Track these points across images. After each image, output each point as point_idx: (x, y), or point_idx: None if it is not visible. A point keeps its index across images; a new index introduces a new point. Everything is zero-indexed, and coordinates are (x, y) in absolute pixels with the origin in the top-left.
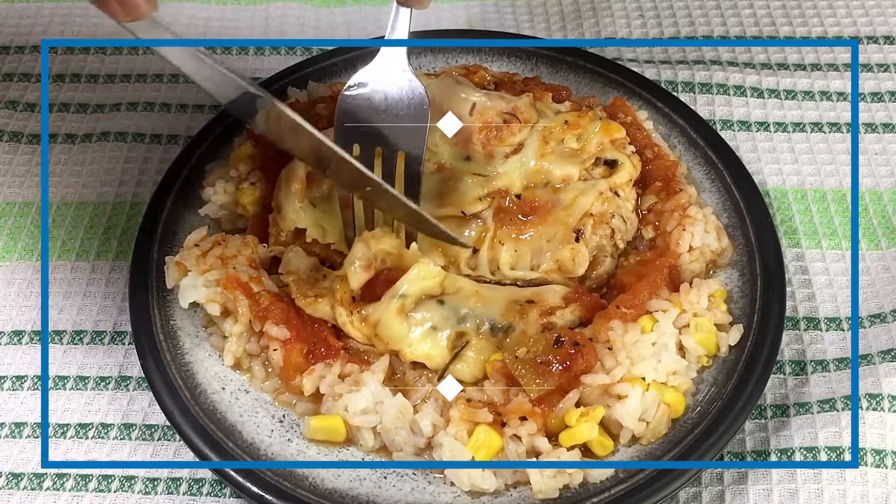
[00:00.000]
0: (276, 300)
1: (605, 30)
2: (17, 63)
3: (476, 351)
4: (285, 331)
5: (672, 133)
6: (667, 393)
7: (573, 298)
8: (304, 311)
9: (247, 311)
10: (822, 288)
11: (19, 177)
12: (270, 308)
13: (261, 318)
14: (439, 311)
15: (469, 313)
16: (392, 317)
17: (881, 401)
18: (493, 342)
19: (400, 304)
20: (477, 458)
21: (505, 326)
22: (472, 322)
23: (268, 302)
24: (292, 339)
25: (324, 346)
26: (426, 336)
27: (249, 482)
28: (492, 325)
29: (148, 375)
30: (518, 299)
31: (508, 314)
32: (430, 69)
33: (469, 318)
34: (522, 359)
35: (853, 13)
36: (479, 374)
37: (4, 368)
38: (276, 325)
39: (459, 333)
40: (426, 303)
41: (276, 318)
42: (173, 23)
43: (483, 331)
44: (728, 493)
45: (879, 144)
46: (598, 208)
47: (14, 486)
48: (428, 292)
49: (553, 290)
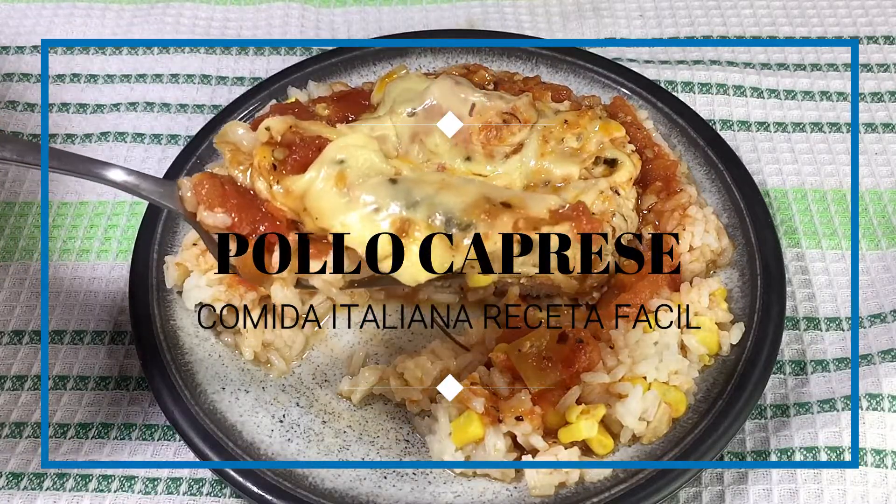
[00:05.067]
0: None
1: (605, 30)
2: (17, 63)
3: (423, 247)
4: (224, 216)
5: (672, 133)
6: (668, 392)
7: (566, 216)
8: (238, 182)
9: (253, 305)
10: (822, 288)
11: (20, 177)
12: (205, 195)
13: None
14: (388, 191)
15: (424, 199)
16: (327, 187)
17: (881, 401)
18: (445, 241)
19: (338, 171)
20: (454, 437)
21: (464, 224)
22: (425, 210)
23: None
24: (236, 225)
25: (270, 224)
26: (365, 218)
27: (249, 482)
28: (448, 219)
29: (148, 375)
30: (492, 198)
31: (473, 211)
32: (429, 69)
33: (423, 204)
34: (526, 353)
35: (853, 13)
36: (421, 278)
37: (4, 368)
38: (210, 210)
39: (406, 220)
40: (374, 180)
41: (211, 201)
42: (173, 23)
43: (435, 223)
44: (728, 493)
45: (879, 144)
46: (598, 207)
47: (14, 486)
48: (377, 169)
49: (542, 198)
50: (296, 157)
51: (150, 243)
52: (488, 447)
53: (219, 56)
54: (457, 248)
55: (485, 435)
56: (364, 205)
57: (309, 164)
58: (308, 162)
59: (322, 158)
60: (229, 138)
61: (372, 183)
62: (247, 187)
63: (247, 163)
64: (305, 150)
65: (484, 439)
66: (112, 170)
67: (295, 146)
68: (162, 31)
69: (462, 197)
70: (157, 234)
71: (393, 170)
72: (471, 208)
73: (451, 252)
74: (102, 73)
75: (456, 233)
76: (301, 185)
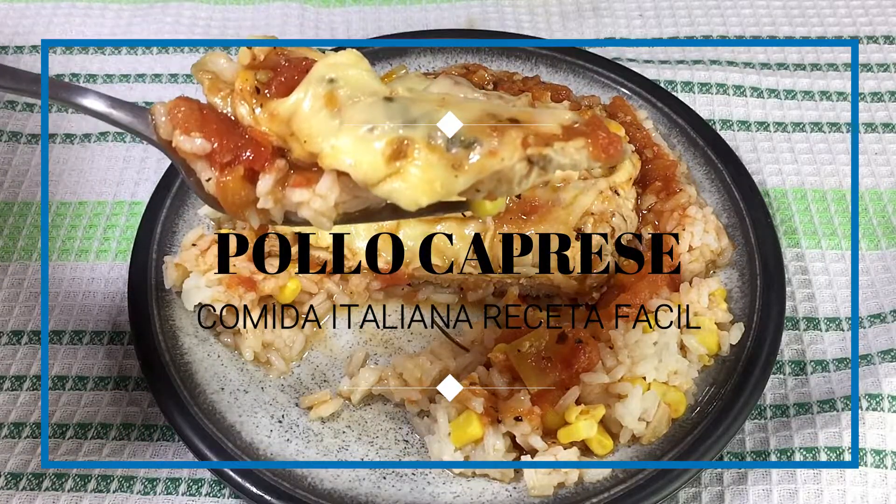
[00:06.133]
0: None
1: (605, 30)
2: (17, 63)
3: (423, 167)
4: (203, 142)
5: (672, 133)
6: (668, 392)
7: (580, 131)
8: (217, 108)
9: (253, 305)
10: (821, 288)
11: (19, 177)
12: (181, 119)
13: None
14: (383, 109)
15: (423, 117)
16: (316, 109)
17: (881, 401)
18: (447, 159)
19: (327, 91)
20: (453, 437)
21: (467, 141)
22: (425, 128)
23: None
24: (216, 152)
25: (255, 151)
26: (358, 140)
27: (248, 482)
28: (450, 136)
29: (147, 376)
30: (498, 115)
31: (478, 128)
32: (429, 69)
33: (422, 122)
34: (525, 353)
35: (853, 13)
36: (423, 201)
37: (3, 369)
38: (186, 134)
39: (403, 140)
40: (367, 100)
41: (188, 125)
42: (173, 22)
43: (436, 142)
44: (728, 494)
45: (879, 144)
46: (598, 207)
47: (14, 486)
48: (370, 89)
49: (553, 113)
50: (281, 80)
51: (149, 243)
52: (487, 447)
53: None
54: (460, 168)
55: (484, 435)
56: (357, 125)
57: (295, 86)
58: (294, 85)
59: (310, 78)
60: (209, 67)
61: (365, 102)
62: (227, 115)
63: (227, 89)
64: (291, 72)
65: (483, 439)
66: (87, 96)
67: (280, 68)
68: (161, 30)
69: (465, 113)
70: (156, 234)
71: (388, 89)
72: (475, 126)
73: (453, 173)
74: (102, 72)
75: (459, 151)
76: (287, 107)
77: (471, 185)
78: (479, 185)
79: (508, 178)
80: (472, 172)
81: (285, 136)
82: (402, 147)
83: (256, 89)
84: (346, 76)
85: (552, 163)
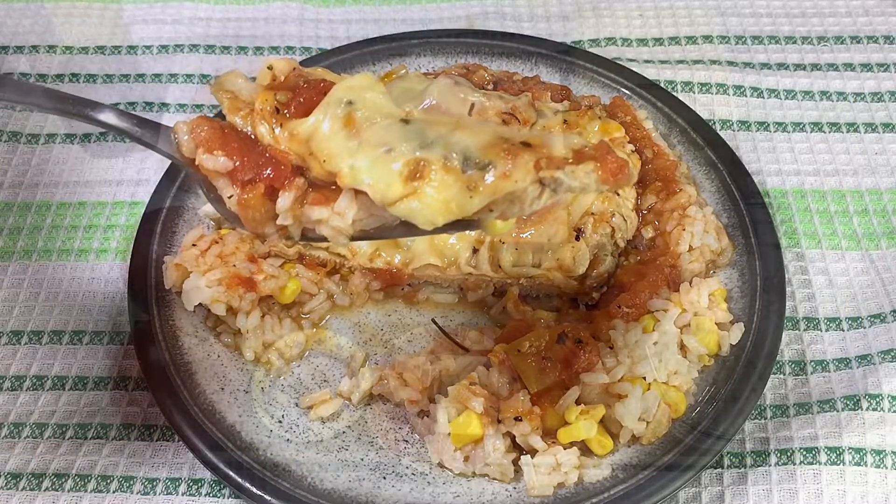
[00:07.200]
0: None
1: (605, 30)
2: (17, 63)
3: (439, 188)
4: (226, 160)
5: (672, 133)
6: (668, 392)
7: (589, 155)
8: (237, 127)
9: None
10: (821, 288)
11: (19, 177)
12: (204, 138)
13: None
14: (400, 131)
15: (439, 139)
16: (335, 129)
17: (881, 401)
18: (462, 181)
19: (346, 113)
20: (453, 437)
21: (483, 163)
22: (440, 149)
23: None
24: (238, 170)
25: (275, 169)
26: (376, 160)
27: (248, 482)
28: (465, 158)
29: (147, 376)
30: (510, 139)
31: (492, 150)
32: (429, 69)
33: (438, 144)
34: (525, 353)
35: (853, 13)
36: (438, 220)
37: (3, 369)
38: (209, 153)
39: (420, 161)
40: (384, 122)
41: (211, 144)
42: (173, 23)
43: (452, 163)
44: (728, 494)
45: (879, 144)
46: (598, 207)
47: (13, 486)
48: (386, 111)
49: (563, 137)
50: (300, 100)
51: (149, 243)
52: (487, 447)
53: (218, 56)
54: (475, 189)
55: (484, 435)
56: (374, 146)
57: (314, 107)
58: (313, 106)
59: (328, 100)
60: (227, 87)
61: (382, 124)
62: (247, 134)
63: (246, 109)
64: (310, 93)
65: (483, 439)
66: (104, 111)
67: (299, 89)
68: (161, 30)
69: (479, 136)
70: (155, 234)
71: (403, 111)
72: (489, 147)
73: (468, 194)
74: (102, 73)
75: (474, 173)
76: (306, 128)
77: (485, 205)
78: (492, 205)
79: (521, 199)
80: (487, 193)
81: (304, 155)
82: (419, 168)
83: (276, 109)
84: (363, 98)
85: (563, 185)
